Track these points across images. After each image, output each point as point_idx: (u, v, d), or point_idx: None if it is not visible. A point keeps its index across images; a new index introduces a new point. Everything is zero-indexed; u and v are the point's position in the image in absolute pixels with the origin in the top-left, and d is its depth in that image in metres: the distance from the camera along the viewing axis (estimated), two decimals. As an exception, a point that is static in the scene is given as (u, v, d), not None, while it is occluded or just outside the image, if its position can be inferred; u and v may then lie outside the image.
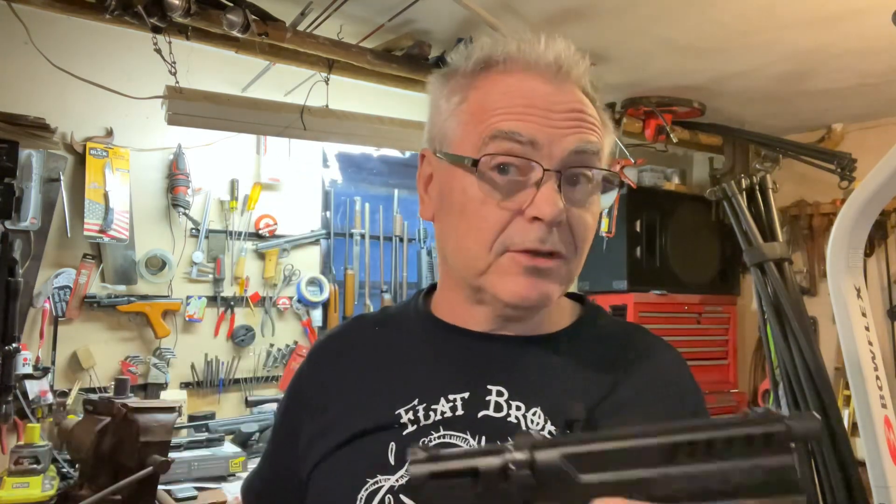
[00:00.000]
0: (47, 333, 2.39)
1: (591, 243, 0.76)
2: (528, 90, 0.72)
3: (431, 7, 2.24)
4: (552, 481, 0.47)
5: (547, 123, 0.70)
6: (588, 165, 0.72)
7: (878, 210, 2.19)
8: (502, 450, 0.48)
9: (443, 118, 0.77)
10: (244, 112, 2.42)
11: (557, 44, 0.74)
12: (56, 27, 2.30)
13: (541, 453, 0.47)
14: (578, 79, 0.75)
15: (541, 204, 0.69)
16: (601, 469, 0.45)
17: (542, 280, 0.72)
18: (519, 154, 0.70)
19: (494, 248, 0.71)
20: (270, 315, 2.84)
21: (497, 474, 0.48)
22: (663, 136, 3.14)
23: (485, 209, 0.71)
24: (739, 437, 0.42)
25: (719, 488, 0.42)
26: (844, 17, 2.24)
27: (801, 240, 3.53)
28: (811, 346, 2.72)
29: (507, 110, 0.71)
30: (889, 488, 2.08)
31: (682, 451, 0.43)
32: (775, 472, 0.41)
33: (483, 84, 0.74)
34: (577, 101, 0.73)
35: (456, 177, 0.74)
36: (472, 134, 0.73)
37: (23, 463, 2.00)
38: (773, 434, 0.42)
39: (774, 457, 0.41)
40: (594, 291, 3.47)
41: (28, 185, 2.30)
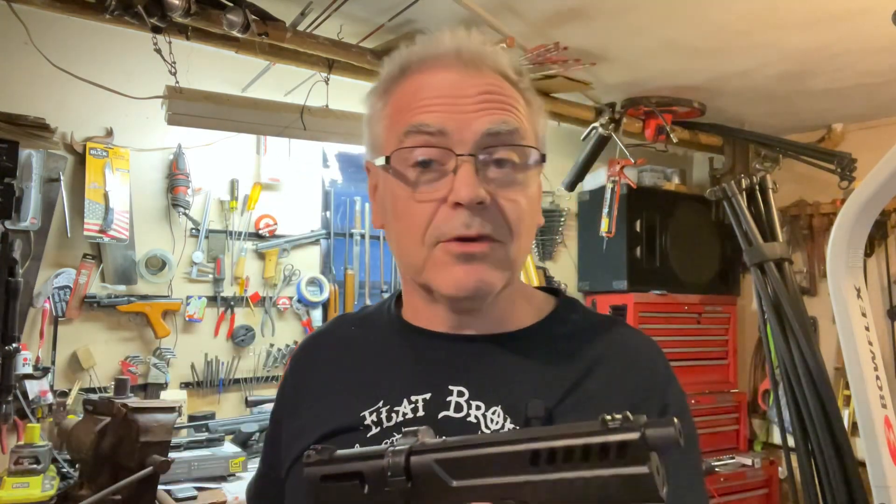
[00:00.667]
0: (47, 333, 2.39)
1: (530, 225, 0.76)
2: (436, 82, 0.74)
3: (431, 7, 2.24)
4: (427, 485, 0.48)
5: (456, 110, 0.71)
6: (505, 144, 0.72)
7: (878, 210, 2.19)
8: (384, 454, 0.50)
9: (372, 127, 0.80)
10: (244, 112, 2.42)
11: (459, 34, 0.76)
12: (56, 27, 2.30)
13: (416, 458, 0.49)
14: (494, 63, 0.75)
15: (458, 188, 0.69)
16: (472, 475, 0.46)
17: (477, 265, 0.72)
18: (431, 145, 0.71)
19: (426, 241, 0.72)
20: (270, 315, 2.84)
21: (379, 477, 0.50)
22: (663, 136, 3.14)
23: (412, 205, 0.73)
24: (595, 446, 0.42)
25: (579, 496, 0.42)
26: (844, 17, 2.24)
27: (801, 240, 3.53)
28: (811, 346, 2.72)
29: (418, 105, 0.73)
30: (889, 488, 2.08)
31: (542, 459, 0.44)
32: (631, 480, 0.41)
33: (400, 87, 0.76)
34: (489, 83, 0.74)
35: (388, 182, 0.76)
36: (392, 136, 0.75)
37: (23, 463, 2.00)
38: (627, 443, 0.41)
39: (630, 466, 0.41)
40: (594, 291, 3.47)
41: (28, 185, 2.30)
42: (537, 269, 3.36)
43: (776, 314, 2.82)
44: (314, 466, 0.55)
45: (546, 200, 3.51)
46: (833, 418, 2.60)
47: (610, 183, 3.14)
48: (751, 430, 3.60)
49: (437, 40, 0.76)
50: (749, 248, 2.95)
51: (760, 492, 3.33)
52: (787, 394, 2.77)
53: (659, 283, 3.31)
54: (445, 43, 0.75)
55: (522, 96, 0.77)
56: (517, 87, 0.77)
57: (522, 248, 0.75)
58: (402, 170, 0.73)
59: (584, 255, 3.56)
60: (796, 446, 2.76)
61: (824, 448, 2.59)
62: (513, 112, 0.74)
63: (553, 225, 3.49)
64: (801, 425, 2.71)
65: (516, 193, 0.73)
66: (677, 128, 3.23)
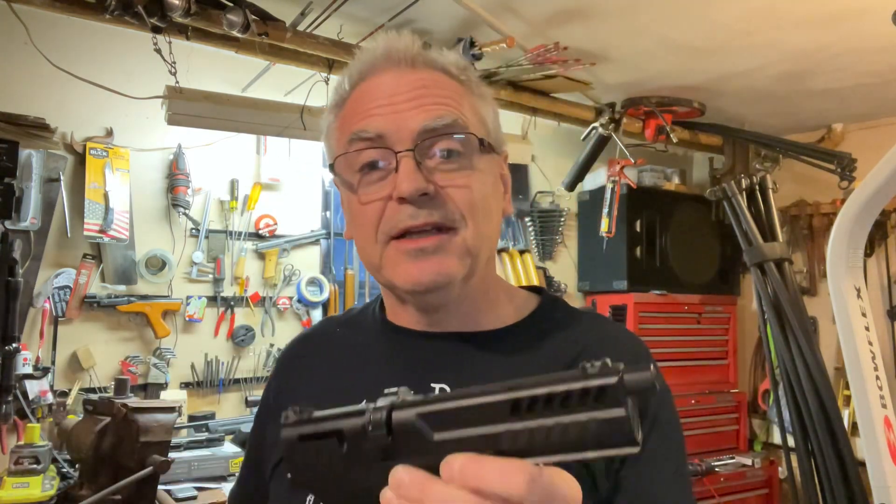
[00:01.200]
0: (47, 333, 2.39)
1: (487, 210, 0.76)
2: (372, 88, 0.76)
3: (431, 7, 2.24)
4: (408, 440, 0.48)
5: (391, 111, 0.73)
6: (444, 135, 0.73)
7: (878, 210, 2.19)
8: (365, 411, 0.50)
9: (328, 141, 0.82)
10: (244, 112, 2.42)
11: (390, 37, 0.78)
12: (56, 27, 2.30)
13: (397, 413, 0.49)
14: (427, 60, 0.77)
15: (399, 183, 0.71)
16: (453, 427, 0.46)
17: (431, 258, 0.72)
18: (372, 148, 0.73)
19: (379, 239, 0.74)
20: (270, 315, 2.84)
21: (358, 435, 0.50)
22: (663, 136, 3.14)
23: (363, 207, 0.75)
24: (575, 391, 0.43)
25: (559, 441, 0.43)
26: (844, 17, 2.25)
27: (801, 240, 3.53)
28: (811, 346, 2.72)
29: (358, 113, 0.75)
30: (889, 488, 2.08)
31: (523, 407, 0.44)
32: (609, 424, 0.41)
33: (348, 100, 0.79)
34: (421, 79, 0.75)
35: (342, 190, 0.79)
36: (340, 147, 0.77)
37: (23, 463, 2.00)
38: (605, 387, 0.42)
39: (608, 409, 0.42)
40: (594, 291, 3.47)
41: (28, 185, 2.30)
42: (537, 269, 3.36)
43: (776, 314, 2.82)
44: (291, 427, 0.55)
45: (546, 200, 3.51)
46: (833, 418, 2.61)
47: (610, 183, 3.14)
48: (751, 430, 3.60)
49: (371, 48, 0.78)
50: (749, 248, 2.95)
51: (760, 492, 3.33)
52: (787, 394, 2.78)
53: (659, 283, 3.31)
54: (377, 49, 0.78)
55: (464, 87, 0.78)
56: (457, 79, 0.78)
57: (483, 234, 0.75)
58: (348, 176, 0.76)
59: (584, 255, 3.56)
60: (796, 446, 2.76)
61: (824, 448, 2.59)
62: (449, 105, 0.75)
63: (553, 225, 3.49)
64: (801, 425, 2.72)
65: (465, 179, 0.74)
66: (677, 128, 3.23)
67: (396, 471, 0.46)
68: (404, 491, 0.45)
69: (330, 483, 0.54)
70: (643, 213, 3.31)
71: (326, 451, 0.53)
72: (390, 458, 0.49)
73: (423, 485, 0.44)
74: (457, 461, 0.44)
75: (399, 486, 0.45)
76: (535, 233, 3.47)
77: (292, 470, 0.56)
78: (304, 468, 0.55)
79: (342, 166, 0.76)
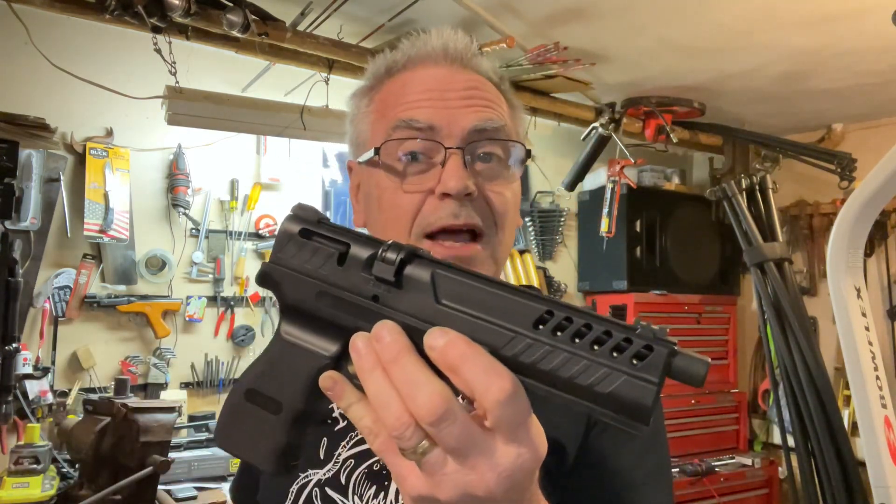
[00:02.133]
0: (47, 333, 2.39)
1: (513, 220, 0.77)
2: (423, 78, 0.75)
3: (431, 7, 2.24)
4: (408, 291, 0.44)
5: (443, 105, 0.73)
6: (491, 139, 0.74)
7: (878, 210, 2.19)
8: (380, 245, 0.45)
9: (357, 125, 0.81)
10: (244, 112, 2.42)
11: (446, 33, 0.77)
12: (56, 27, 2.30)
13: (416, 262, 0.44)
14: (477, 65, 0.78)
15: (447, 179, 0.70)
16: (464, 303, 0.42)
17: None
18: (421, 138, 0.73)
19: (413, 233, 0.72)
20: (270, 315, 2.84)
21: (364, 261, 0.46)
22: (663, 136, 3.14)
23: (398, 196, 0.73)
24: (618, 337, 0.38)
25: (569, 377, 0.38)
26: (844, 17, 2.24)
27: (801, 240, 3.53)
28: (811, 346, 2.72)
29: (406, 101, 0.74)
30: (889, 488, 2.08)
31: (551, 324, 0.39)
32: (633, 390, 0.37)
33: (386, 86, 0.78)
34: (473, 80, 0.76)
35: (373, 175, 0.76)
36: (379, 131, 0.76)
37: (23, 463, 2.00)
38: (650, 352, 0.37)
39: (640, 376, 0.37)
40: (594, 291, 3.47)
41: (28, 185, 2.30)
42: (537, 270, 3.36)
43: (776, 314, 2.82)
44: (296, 221, 0.50)
45: (546, 200, 3.51)
46: (833, 418, 2.61)
47: (610, 183, 3.14)
48: (751, 430, 3.60)
49: (425, 39, 0.78)
50: (749, 248, 2.95)
51: (760, 492, 3.33)
52: (787, 394, 2.78)
53: (659, 283, 3.31)
54: (433, 41, 0.77)
55: (503, 96, 0.79)
56: (499, 87, 0.79)
57: (506, 244, 0.76)
58: (391, 161, 0.74)
59: (584, 255, 3.56)
60: (796, 446, 2.76)
61: (824, 448, 2.59)
62: (495, 110, 0.75)
63: (553, 225, 3.49)
64: (801, 425, 2.72)
65: (502, 187, 0.75)
66: (677, 128, 3.23)
67: (383, 324, 0.42)
68: (380, 348, 0.42)
69: (303, 290, 0.48)
70: (643, 213, 3.31)
71: (321, 257, 0.48)
72: (383, 300, 0.44)
73: (399, 352, 0.41)
74: (448, 335, 0.40)
75: (377, 340, 0.42)
76: (535, 233, 3.47)
77: (274, 261, 0.50)
78: (284, 265, 0.49)
79: (385, 152, 0.74)
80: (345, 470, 0.75)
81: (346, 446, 0.76)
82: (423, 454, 0.40)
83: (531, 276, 3.29)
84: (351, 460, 0.75)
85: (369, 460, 0.75)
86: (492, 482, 0.39)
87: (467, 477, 0.40)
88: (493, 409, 0.39)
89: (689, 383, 0.37)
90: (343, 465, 0.75)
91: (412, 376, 0.40)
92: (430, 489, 0.41)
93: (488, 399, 0.38)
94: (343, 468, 0.75)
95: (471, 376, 0.39)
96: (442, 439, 0.39)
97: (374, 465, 0.74)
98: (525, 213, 3.45)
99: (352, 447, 0.76)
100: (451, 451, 0.40)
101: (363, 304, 0.45)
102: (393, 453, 0.42)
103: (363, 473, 0.74)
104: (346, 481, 0.74)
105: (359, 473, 0.74)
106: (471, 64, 0.77)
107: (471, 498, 0.40)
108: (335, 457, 0.76)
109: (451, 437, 0.39)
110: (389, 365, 0.41)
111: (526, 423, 0.40)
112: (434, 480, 0.40)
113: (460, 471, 0.40)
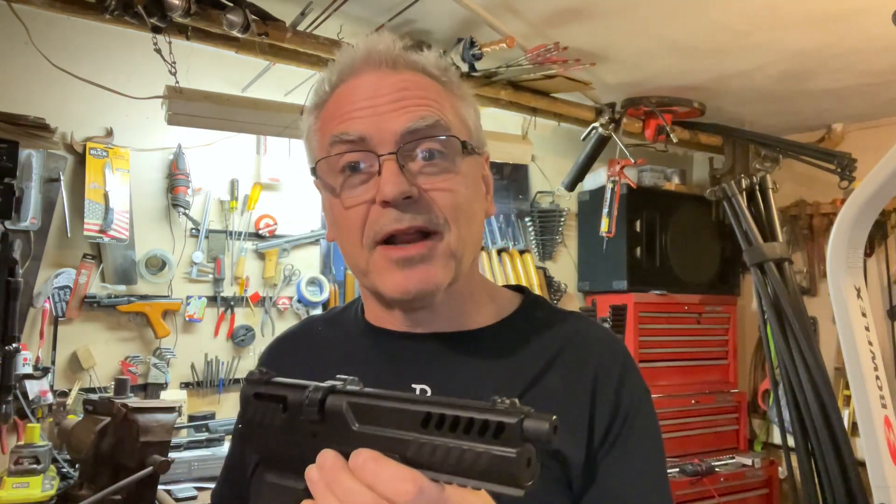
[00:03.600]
0: (47, 333, 2.39)
1: (469, 211, 0.76)
2: (353, 89, 0.76)
3: (431, 7, 2.24)
4: (334, 424, 0.53)
5: (372, 113, 0.73)
6: (427, 137, 0.73)
7: (878, 210, 2.19)
8: (308, 388, 0.56)
9: (309, 142, 0.81)
10: (244, 112, 2.42)
11: (371, 39, 0.78)
12: (56, 27, 2.30)
13: (331, 398, 0.54)
14: (408, 61, 0.77)
15: (382, 187, 0.71)
16: (373, 423, 0.51)
17: (418, 267, 0.72)
18: (354, 150, 0.73)
19: (365, 244, 0.74)
20: (270, 315, 2.84)
21: (297, 407, 0.56)
22: (663, 136, 3.14)
23: (347, 211, 0.74)
24: (478, 421, 0.46)
25: (452, 463, 0.46)
26: (844, 17, 2.25)
27: (801, 240, 3.53)
28: (811, 346, 2.72)
29: (340, 114, 0.75)
30: (889, 488, 2.08)
31: (432, 423, 0.48)
32: (500, 460, 0.44)
33: (329, 102, 0.79)
34: (403, 80, 0.75)
35: (323, 192, 0.78)
36: (322, 148, 0.76)
37: (23, 463, 2.00)
38: (504, 425, 0.44)
39: (503, 447, 0.44)
40: (594, 291, 3.47)
41: (28, 185, 2.30)
42: (537, 270, 3.36)
43: (776, 314, 2.82)
44: (251, 385, 0.61)
45: (546, 200, 3.51)
46: (833, 418, 2.61)
47: (610, 183, 3.14)
48: (751, 430, 3.60)
49: (350, 49, 0.78)
50: (749, 248, 2.95)
51: (760, 492, 3.33)
52: (787, 394, 2.78)
53: (659, 283, 3.31)
54: (358, 50, 0.77)
55: (445, 89, 0.78)
56: (438, 80, 0.78)
57: (466, 237, 0.75)
58: (330, 179, 0.75)
59: (584, 255, 3.56)
60: (796, 446, 2.76)
61: (824, 448, 2.59)
62: (431, 106, 0.74)
63: (553, 225, 3.49)
64: (801, 425, 2.72)
65: (449, 182, 0.74)
66: (677, 128, 3.23)
67: (323, 454, 0.51)
68: (324, 473, 0.50)
69: (270, 443, 0.60)
70: (643, 213, 3.31)
71: (270, 414, 0.59)
72: (319, 435, 0.54)
73: (337, 473, 0.49)
74: (362, 456, 0.48)
75: (321, 468, 0.50)
76: (535, 233, 3.47)
77: (243, 423, 0.61)
78: (252, 424, 0.61)
79: (324, 169, 0.76)
80: None
81: None
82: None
83: (531, 276, 3.29)
84: None
85: None
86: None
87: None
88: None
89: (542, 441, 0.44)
90: None
91: (348, 490, 0.48)
92: None
93: (402, 500, 0.46)
94: None
95: (383, 488, 0.46)
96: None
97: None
98: (525, 213, 3.46)
99: None
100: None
101: (307, 443, 0.55)
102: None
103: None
104: None
105: None
106: (399, 64, 0.76)
107: None
108: None
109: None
110: (332, 485, 0.49)
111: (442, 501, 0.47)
112: None
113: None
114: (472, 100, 0.82)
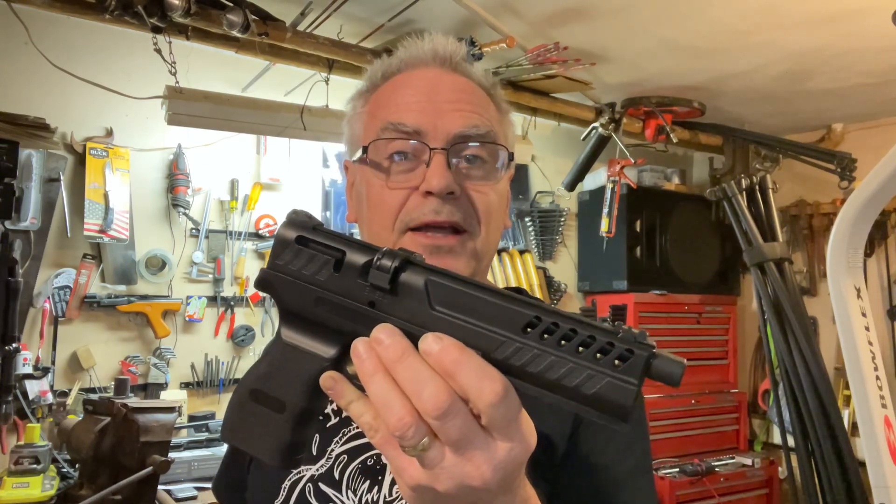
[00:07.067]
0: (47, 333, 2.39)
1: (498, 219, 0.79)
2: (413, 80, 0.79)
3: (431, 7, 2.24)
4: (402, 298, 0.46)
5: (431, 108, 0.75)
6: (478, 143, 0.76)
7: (878, 210, 2.19)
8: (377, 250, 0.47)
9: (352, 125, 0.84)
10: (244, 112, 2.42)
11: (437, 38, 0.80)
12: (56, 27, 2.30)
13: (408, 271, 0.46)
14: (466, 70, 0.81)
15: (430, 178, 0.73)
16: (457, 310, 0.44)
17: (446, 257, 0.74)
18: (407, 139, 0.75)
19: (396, 227, 0.75)
20: (270, 315, 2.84)
21: (359, 268, 0.47)
22: (663, 136, 3.14)
23: (384, 193, 0.76)
24: (600, 342, 0.41)
25: (556, 379, 0.41)
26: (844, 17, 2.24)
27: (801, 240, 3.53)
28: (811, 346, 2.72)
29: (396, 102, 0.77)
30: (889, 488, 2.07)
31: (538, 329, 0.42)
32: (615, 390, 0.40)
33: (381, 88, 0.82)
34: (461, 84, 0.79)
35: (363, 173, 0.80)
36: (370, 131, 0.79)
37: (23, 463, 2.00)
38: (632, 354, 0.40)
39: (622, 378, 0.40)
40: (594, 291, 3.47)
41: (28, 185, 2.30)
42: (537, 269, 3.36)
43: (776, 314, 2.82)
44: (293, 227, 0.51)
45: (546, 200, 3.51)
46: (833, 418, 2.61)
47: (610, 183, 3.14)
48: (751, 430, 3.60)
49: (417, 43, 0.81)
50: (749, 248, 2.95)
51: (760, 492, 3.32)
52: (787, 394, 2.78)
53: (659, 283, 3.31)
54: (424, 44, 0.80)
55: (493, 102, 0.82)
56: (489, 93, 0.82)
57: (490, 242, 0.78)
58: (378, 160, 0.77)
59: (584, 255, 3.56)
60: (796, 446, 2.76)
61: (824, 448, 2.59)
62: (483, 115, 0.78)
63: (553, 225, 3.49)
64: (801, 425, 2.72)
65: (486, 188, 0.77)
66: (677, 128, 3.23)
67: (383, 328, 0.44)
68: (381, 350, 0.44)
69: (301, 298, 0.49)
70: (643, 213, 3.31)
71: (315, 266, 0.49)
72: (378, 306, 0.46)
73: (403, 353, 0.43)
74: (442, 340, 0.42)
75: (378, 343, 0.44)
76: (535, 233, 3.47)
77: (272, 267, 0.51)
78: (286, 272, 0.50)
79: (373, 150, 0.77)
80: (338, 465, 0.76)
81: (339, 442, 0.77)
82: (423, 450, 0.43)
83: (531, 276, 3.29)
84: (344, 456, 0.76)
85: (362, 455, 0.76)
86: (487, 473, 0.42)
87: (465, 469, 0.42)
88: (487, 410, 0.41)
89: (667, 383, 0.40)
90: (336, 460, 0.76)
91: (417, 374, 0.42)
92: (429, 480, 0.43)
93: (482, 401, 0.41)
94: (336, 464, 0.76)
95: (465, 380, 0.41)
96: (445, 432, 0.42)
97: (368, 461, 0.75)
98: (525, 213, 3.46)
99: (345, 443, 0.77)
100: (452, 444, 0.42)
101: (360, 310, 0.47)
102: (392, 447, 0.45)
103: (357, 468, 0.75)
104: (340, 476, 0.75)
105: (352, 469, 0.75)
106: (460, 68, 0.80)
107: (467, 488, 0.43)
108: (328, 453, 0.77)
109: (454, 430, 0.42)
110: (393, 365, 0.43)
111: (517, 419, 0.43)
112: (433, 473, 0.43)
113: (458, 463, 0.42)
114: (511, 118, 0.86)
